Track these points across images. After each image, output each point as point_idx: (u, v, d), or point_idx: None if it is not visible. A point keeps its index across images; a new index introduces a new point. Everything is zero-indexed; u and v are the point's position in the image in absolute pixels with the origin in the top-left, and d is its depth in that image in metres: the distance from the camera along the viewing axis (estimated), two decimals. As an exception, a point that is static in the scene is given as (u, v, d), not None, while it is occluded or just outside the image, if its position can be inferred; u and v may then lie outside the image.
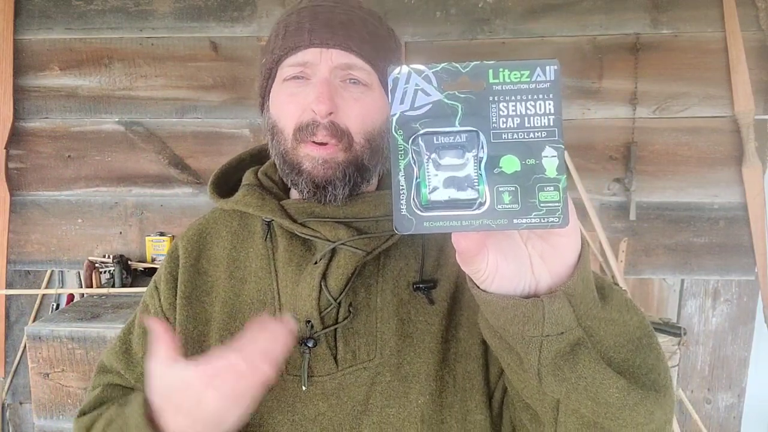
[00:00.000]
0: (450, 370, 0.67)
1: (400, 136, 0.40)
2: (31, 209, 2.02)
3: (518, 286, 0.46)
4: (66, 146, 1.99)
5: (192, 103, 1.94)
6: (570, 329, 0.46)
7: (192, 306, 0.73)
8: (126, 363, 0.76)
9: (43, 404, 1.63)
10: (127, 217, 2.01)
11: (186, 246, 0.77)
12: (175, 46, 1.93)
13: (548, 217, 0.39)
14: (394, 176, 0.41)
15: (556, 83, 0.40)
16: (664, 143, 1.85)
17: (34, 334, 1.58)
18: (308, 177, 0.66)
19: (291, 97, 0.67)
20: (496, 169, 0.39)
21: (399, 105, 0.41)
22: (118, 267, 1.87)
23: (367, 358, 0.67)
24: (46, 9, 1.93)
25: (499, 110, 0.40)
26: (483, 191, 0.40)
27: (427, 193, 0.40)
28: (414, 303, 0.69)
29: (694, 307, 1.91)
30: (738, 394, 1.93)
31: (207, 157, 1.92)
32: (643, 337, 0.51)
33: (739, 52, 1.77)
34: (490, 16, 1.86)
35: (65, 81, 1.96)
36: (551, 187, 0.39)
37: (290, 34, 0.67)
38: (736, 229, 1.85)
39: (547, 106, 0.39)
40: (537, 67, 0.40)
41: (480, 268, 0.44)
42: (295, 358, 0.68)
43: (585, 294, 0.46)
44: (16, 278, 2.06)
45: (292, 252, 0.70)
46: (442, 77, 0.40)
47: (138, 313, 0.79)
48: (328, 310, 0.66)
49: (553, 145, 0.39)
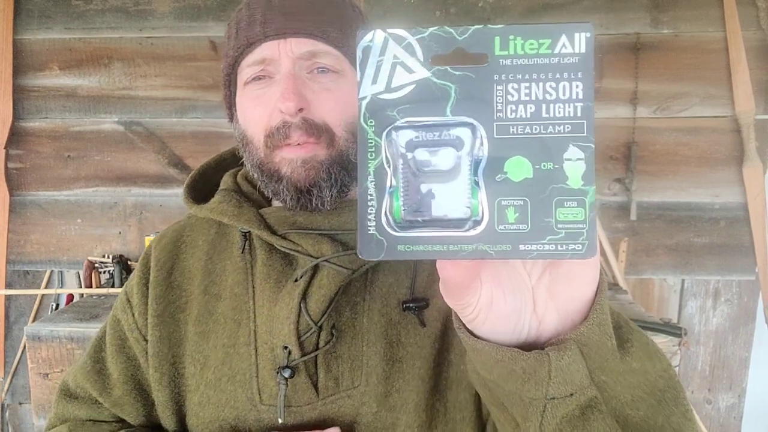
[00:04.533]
0: (441, 397, 0.59)
1: (370, 128, 0.30)
2: (30, 209, 2.01)
3: (516, 328, 0.37)
4: (65, 146, 1.98)
5: (192, 102, 1.94)
6: (581, 389, 0.36)
7: (165, 325, 0.66)
8: (101, 386, 0.69)
9: (42, 404, 1.62)
10: (126, 217, 2.00)
11: (158, 256, 0.69)
12: (175, 46, 1.92)
13: (568, 243, 0.29)
14: (360, 181, 0.30)
15: (589, 57, 0.29)
16: (665, 143, 1.84)
17: (34, 335, 1.58)
18: (288, 182, 0.59)
19: (255, 101, 0.60)
20: (500, 175, 0.30)
21: (370, 85, 0.30)
22: (117, 267, 1.87)
23: (352, 385, 0.60)
24: (45, 9, 1.93)
25: (507, 94, 0.30)
26: (479, 206, 0.30)
27: (401, 208, 0.30)
28: (404, 324, 0.61)
29: (694, 307, 1.91)
30: (738, 394, 1.92)
31: (207, 156, 1.86)
32: (667, 390, 0.41)
33: (740, 52, 1.77)
34: (490, 15, 1.85)
35: (65, 81, 1.95)
36: (574, 201, 0.29)
37: (242, 31, 0.60)
38: (737, 229, 1.85)
39: (574, 89, 0.29)
40: (562, 33, 0.29)
41: (469, 303, 0.34)
42: (270, 386, 0.61)
43: (601, 342, 0.36)
44: (16, 278, 2.06)
45: (270, 267, 0.63)
46: (431, 47, 0.30)
47: (108, 327, 0.72)
48: (308, 335, 0.59)
49: (580, 144, 0.29)
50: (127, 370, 0.69)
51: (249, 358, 0.63)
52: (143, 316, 0.68)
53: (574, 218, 0.29)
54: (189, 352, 0.65)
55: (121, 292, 0.72)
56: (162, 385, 0.66)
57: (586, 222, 0.29)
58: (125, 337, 0.70)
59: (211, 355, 0.64)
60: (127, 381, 0.68)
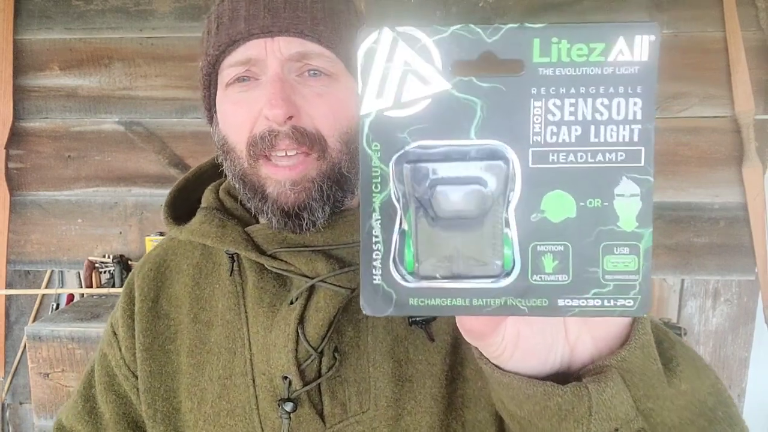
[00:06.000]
0: (458, 416, 0.54)
1: (375, 153, 0.24)
2: (31, 209, 2.01)
3: (547, 361, 0.32)
4: (66, 146, 1.98)
5: (192, 102, 1.93)
6: (627, 422, 0.32)
7: (155, 359, 0.62)
8: (93, 427, 0.65)
9: (43, 404, 1.63)
10: (127, 217, 2.00)
11: (142, 285, 0.64)
12: (175, 46, 1.92)
13: (617, 297, 0.24)
14: (363, 219, 0.24)
15: (652, 68, 0.23)
16: (665, 143, 1.84)
17: (34, 334, 1.58)
18: (275, 205, 0.54)
19: (236, 106, 0.54)
20: (535, 214, 0.24)
21: (375, 99, 0.24)
22: (118, 267, 1.87)
23: (360, 410, 0.55)
24: (46, 9, 1.93)
25: (547, 112, 0.24)
26: (509, 253, 0.24)
27: (414, 260, 0.24)
28: (411, 339, 0.56)
29: (694, 307, 1.91)
30: (738, 394, 1.92)
31: (207, 157, 1.88)
32: (718, 407, 0.37)
33: (739, 52, 1.76)
34: (490, 15, 1.85)
35: (65, 81, 1.95)
36: (626, 247, 0.24)
37: (224, 27, 0.53)
38: (737, 229, 1.85)
39: (631, 107, 0.23)
40: (620, 36, 0.23)
41: (493, 343, 0.30)
42: (272, 419, 0.56)
43: (646, 367, 0.32)
44: (16, 278, 2.06)
45: (262, 289, 0.58)
46: (452, 51, 0.24)
47: (96, 363, 0.67)
48: (308, 362, 0.54)
49: (635, 177, 0.23)
50: (118, 408, 0.65)
51: (247, 389, 0.58)
52: (130, 350, 0.63)
53: (625, 268, 0.24)
54: (185, 385, 0.61)
55: (107, 324, 0.68)
56: (156, 422, 0.62)
57: (639, 272, 0.24)
58: (113, 373, 0.66)
59: (207, 387, 0.59)
60: (120, 420, 0.65)
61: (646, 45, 0.23)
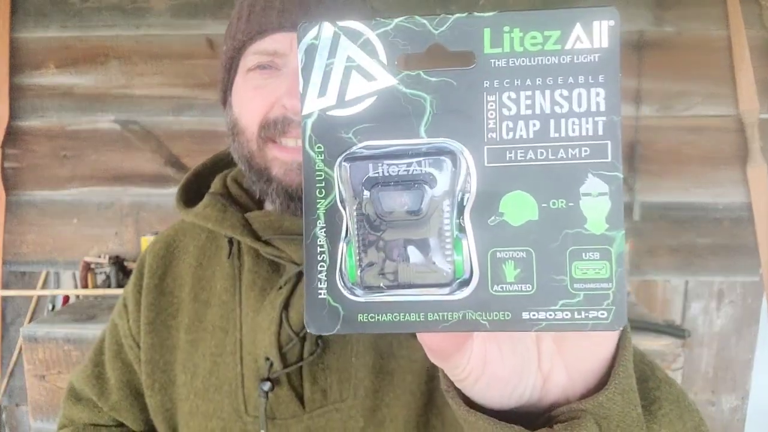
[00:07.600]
0: (438, 413, 0.56)
1: (318, 156, 0.23)
2: (26, 209, 2.00)
3: (516, 390, 0.30)
4: (62, 145, 1.97)
5: (189, 101, 1.92)
6: None
7: (157, 333, 0.66)
8: (99, 390, 0.70)
9: (39, 406, 1.61)
10: (123, 217, 1.98)
11: (151, 263, 0.68)
12: (172, 44, 1.90)
13: (588, 309, 0.22)
14: (306, 228, 0.23)
15: (613, 54, 0.22)
16: (668, 142, 1.83)
17: (30, 336, 1.56)
18: (279, 185, 0.57)
19: (256, 91, 0.57)
20: (494, 217, 0.22)
21: (317, 98, 0.23)
22: (113, 268, 1.85)
23: (340, 398, 0.57)
24: (42, 7, 1.91)
25: (502, 107, 0.22)
26: (464, 262, 0.22)
27: (356, 267, 0.22)
28: (396, 334, 0.58)
29: (698, 308, 1.89)
30: (742, 396, 1.91)
31: (204, 156, 1.84)
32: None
33: (743, 51, 1.75)
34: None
35: (61, 79, 1.94)
36: (596, 252, 0.21)
37: (255, 15, 0.56)
38: (741, 229, 1.83)
39: (594, 98, 0.21)
40: (576, 22, 0.21)
41: (458, 364, 0.28)
42: (255, 397, 0.59)
43: (625, 413, 0.29)
44: (12, 279, 2.04)
45: (256, 274, 0.61)
46: (397, 45, 0.23)
47: (107, 332, 0.73)
48: (290, 346, 0.57)
49: (603, 174, 0.22)
50: (123, 375, 0.70)
51: (235, 367, 0.62)
52: (136, 323, 0.67)
53: (596, 275, 0.21)
54: (180, 360, 0.65)
55: (120, 297, 0.73)
56: (154, 391, 0.66)
57: (612, 280, 0.21)
58: (121, 342, 0.71)
59: (200, 363, 0.63)
60: (123, 386, 0.69)
61: (606, 31, 0.21)
